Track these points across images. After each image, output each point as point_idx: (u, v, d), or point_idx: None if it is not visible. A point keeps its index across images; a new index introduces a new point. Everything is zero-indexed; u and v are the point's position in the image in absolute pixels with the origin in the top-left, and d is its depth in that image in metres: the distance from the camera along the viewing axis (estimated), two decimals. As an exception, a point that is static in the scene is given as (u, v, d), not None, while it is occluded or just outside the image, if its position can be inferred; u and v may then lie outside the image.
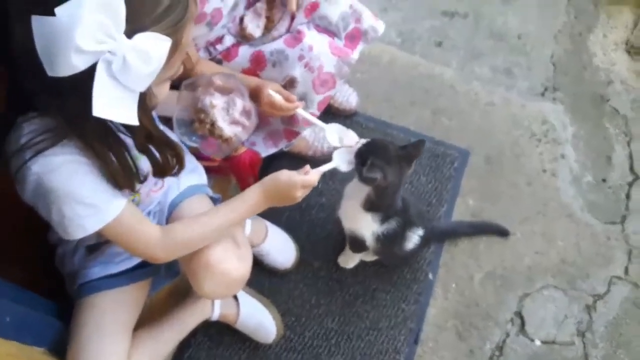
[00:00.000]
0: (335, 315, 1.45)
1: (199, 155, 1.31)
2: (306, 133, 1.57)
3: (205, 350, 1.40)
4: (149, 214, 1.14)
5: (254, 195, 1.07)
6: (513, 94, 1.81)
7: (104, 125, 0.82)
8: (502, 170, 1.66)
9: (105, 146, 0.85)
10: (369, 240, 1.30)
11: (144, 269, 1.18)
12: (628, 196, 1.64)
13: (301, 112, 1.26)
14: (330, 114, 1.66)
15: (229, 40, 1.34)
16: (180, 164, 0.99)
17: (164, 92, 0.89)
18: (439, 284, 1.51)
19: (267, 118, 1.40)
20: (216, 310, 1.32)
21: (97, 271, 1.13)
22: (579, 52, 1.93)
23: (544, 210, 1.61)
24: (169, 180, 1.15)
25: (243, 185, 1.44)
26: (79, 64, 0.68)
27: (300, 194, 1.08)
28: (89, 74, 0.70)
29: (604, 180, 1.66)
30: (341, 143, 1.30)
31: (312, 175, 1.09)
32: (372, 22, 1.39)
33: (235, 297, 1.36)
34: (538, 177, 1.65)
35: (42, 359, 1.05)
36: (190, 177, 1.22)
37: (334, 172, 1.54)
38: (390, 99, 1.75)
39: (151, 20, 0.74)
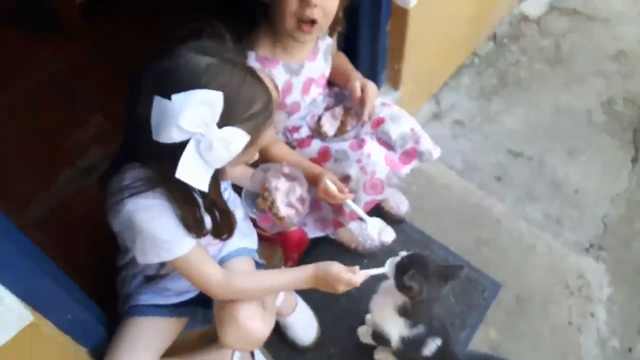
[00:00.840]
0: (336, 404, 1.53)
1: (256, 224, 1.50)
2: (353, 227, 1.73)
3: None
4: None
5: (306, 272, 1.23)
6: (558, 242, 1.89)
7: (185, 185, 1.00)
8: (529, 311, 1.72)
9: (183, 200, 1.05)
10: (395, 341, 1.39)
11: (185, 309, 1.35)
12: (651, 372, 1.64)
13: (350, 203, 1.42)
14: (380, 215, 1.81)
15: (304, 132, 1.57)
16: (230, 233, 1.18)
17: (236, 171, 1.10)
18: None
19: (320, 205, 1.59)
20: None
21: (147, 298, 1.31)
22: (633, 219, 1.99)
23: (562, 362, 1.63)
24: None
25: (287, 259, 1.61)
26: (176, 137, 0.91)
27: (342, 289, 1.22)
28: (182, 145, 0.92)
29: (629, 350, 1.68)
30: (379, 237, 1.45)
31: (357, 277, 1.22)
32: (429, 146, 1.57)
33: (253, 356, 1.49)
34: (563, 328, 1.69)
35: (84, 357, 1.23)
36: (244, 240, 1.40)
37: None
38: (438, 217, 1.89)
39: (239, 120, 0.95)
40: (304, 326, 1.60)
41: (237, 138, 0.95)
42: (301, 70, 1.47)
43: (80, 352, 1.21)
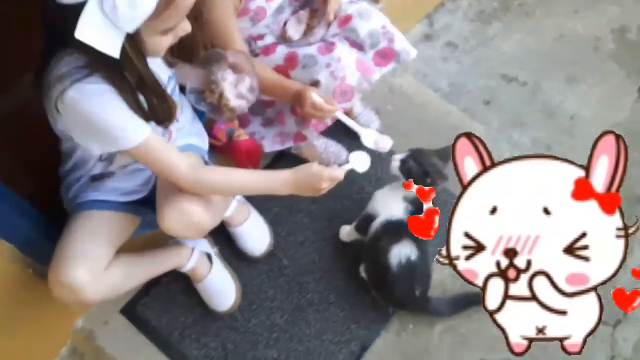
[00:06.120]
0: (285, 313, 1.51)
1: (209, 133, 1.46)
2: (317, 143, 1.67)
3: (160, 302, 1.51)
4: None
5: (283, 176, 1.17)
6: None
7: (112, 62, 0.94)
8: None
9: (119, 80, 0.99)
10: (377, 222, 1.40)
11: (135, 207, 1.30)
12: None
13: (340, 115, 1.37)
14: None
15: (269, 39, 1.50)
16: (169, 117, 1.12)
17: (160, 44, 1.02)
18: (396, 319, 1.51)
19: (284, 119, 1.53)
20: (190, 264, 1.43)
21: (95, 195, 1.25)
22: (631, 148, 1.82)
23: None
24: (174, 134, 1.29)
25: (239, 170, 1.56)
26: None
27: (325, 186, 1.17)
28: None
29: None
30: (376, 146, 1.39)
31: (338, 171, 1.18)
32: (404, 45, 1.48)
33: (210, 258, 1.48)
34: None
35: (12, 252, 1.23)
36: (193, 139, 1.36)
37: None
38: (410, 136, 1.77)
39: None
40: (255, 237, 1.56)
41: None
42: None
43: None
